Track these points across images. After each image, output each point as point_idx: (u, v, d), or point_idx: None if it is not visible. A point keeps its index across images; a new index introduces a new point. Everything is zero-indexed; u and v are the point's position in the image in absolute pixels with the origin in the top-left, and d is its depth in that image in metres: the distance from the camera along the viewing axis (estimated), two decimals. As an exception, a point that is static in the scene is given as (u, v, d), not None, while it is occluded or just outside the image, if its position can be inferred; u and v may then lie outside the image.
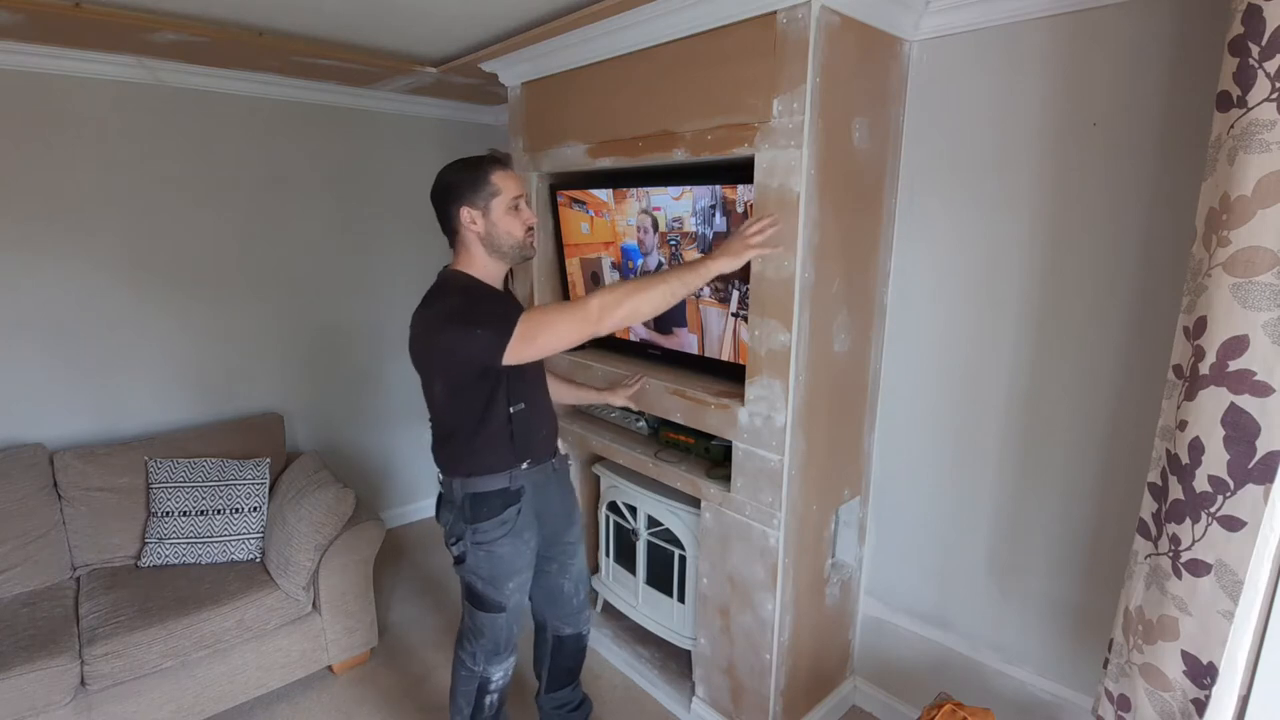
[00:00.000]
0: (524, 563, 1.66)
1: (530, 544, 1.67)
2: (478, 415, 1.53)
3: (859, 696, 2.24)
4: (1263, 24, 1.04)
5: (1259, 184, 1.07)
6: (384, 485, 3.41)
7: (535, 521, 1.68)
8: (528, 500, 1.63)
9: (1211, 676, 1.21)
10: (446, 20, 2.05)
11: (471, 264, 1.54)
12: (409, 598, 2.87)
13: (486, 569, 1.62)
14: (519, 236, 1.51)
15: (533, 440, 1.63)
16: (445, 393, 1.55)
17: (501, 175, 1.48)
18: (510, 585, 1.64)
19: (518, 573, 1.65)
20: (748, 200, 1.76)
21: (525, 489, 1.62)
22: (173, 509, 2.32)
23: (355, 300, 3.16)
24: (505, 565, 1.62)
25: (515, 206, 1.49)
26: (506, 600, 1.65)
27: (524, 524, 1.63)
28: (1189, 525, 1.20)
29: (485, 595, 1.64)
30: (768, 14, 1.58)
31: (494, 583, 1.63)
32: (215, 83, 2.60)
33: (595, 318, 1.39)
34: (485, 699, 1.75)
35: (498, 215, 1.48)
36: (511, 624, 1.70)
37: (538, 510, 1.69)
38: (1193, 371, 1.18)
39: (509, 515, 1.59)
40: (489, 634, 1.68)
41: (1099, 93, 1.53)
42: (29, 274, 2.35)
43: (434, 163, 3.25)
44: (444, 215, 1.52)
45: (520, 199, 1.50)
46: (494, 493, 1.58)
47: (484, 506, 1.58)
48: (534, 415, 1.63)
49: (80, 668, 1.86)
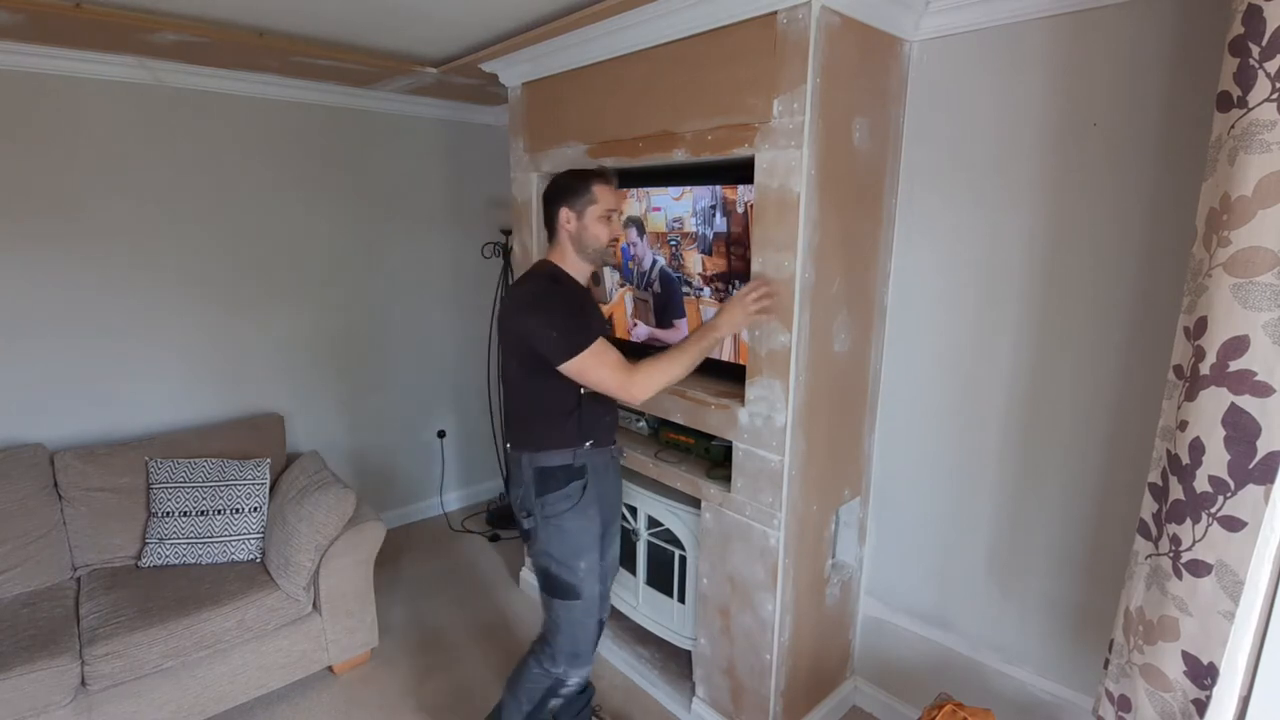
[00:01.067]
0: (590, 540, 1.70)
1: (595, 522, 1.70)
2: (552, 394, 1.64)
3: (859, 697, 2.24)
4: (1263, 24, 1.04)
5: (1259, 184, 1.06)
6: (384, 485, 3.41)
7: (598, 505, 1.72)
8: (591, 479, 1.69)
9: (1212, 677, 1.21)
10: (446, 20, 2.05)
11: (563, 258, 1.69)
12: (409, 598, 2.87)
13: (557, 546, 1.68)
14: (603, 243, 1.65)
15: (598, 424, 1.71)
16: (521, 371, 1.66)
17: (602, 188, 1.63)
18: (582, 565, 1.69)
19: (586, 550, 1.69)
20: (748, 200, 1.76)
21: (588, 468, 1.69)
22: (173, 509, 2.32)
23: (355, 300, 3.16)
24: (573, 540, 1.68)
25: (608, 217, 1.64)
26: (580, 582, 1.69)
27: (588, 500, 1.69)
28: (1189, 525, 1.20)
29: (559, 578, 1.70)
30: (768, 14, 1.58)
31: (566, 562, 1.68)
32: (215, 83, 2.60)
33: (631, 395, 1.57)
34: (550, 700, 1.79)
35: (590, 220, 1.63)
36: (588, 618, 1.72)
37: (599, 493, 1.72)
38: (1193, 372, 1.18)
39: (573, 489, 1.66)
40: (566, 629, 1.72)
41: (1099, 93, 1.53)
42: (29, 274, 2.35)
43: (434, 163, 3.31)
44: (549, 212, 1.69)
45: (614, 212, 1.66)
46: (559, 468, 1.66)
47: (551, 480, 1.66)
48: (601, 400, 1.69)
49: (80, 668, 1.86)
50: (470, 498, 3.75)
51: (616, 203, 1.66)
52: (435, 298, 3.42)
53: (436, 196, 3.33)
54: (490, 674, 2.39)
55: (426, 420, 3.51)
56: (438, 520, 3.58)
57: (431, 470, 3.58)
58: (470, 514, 3.64)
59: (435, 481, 3.59)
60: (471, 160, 3.40)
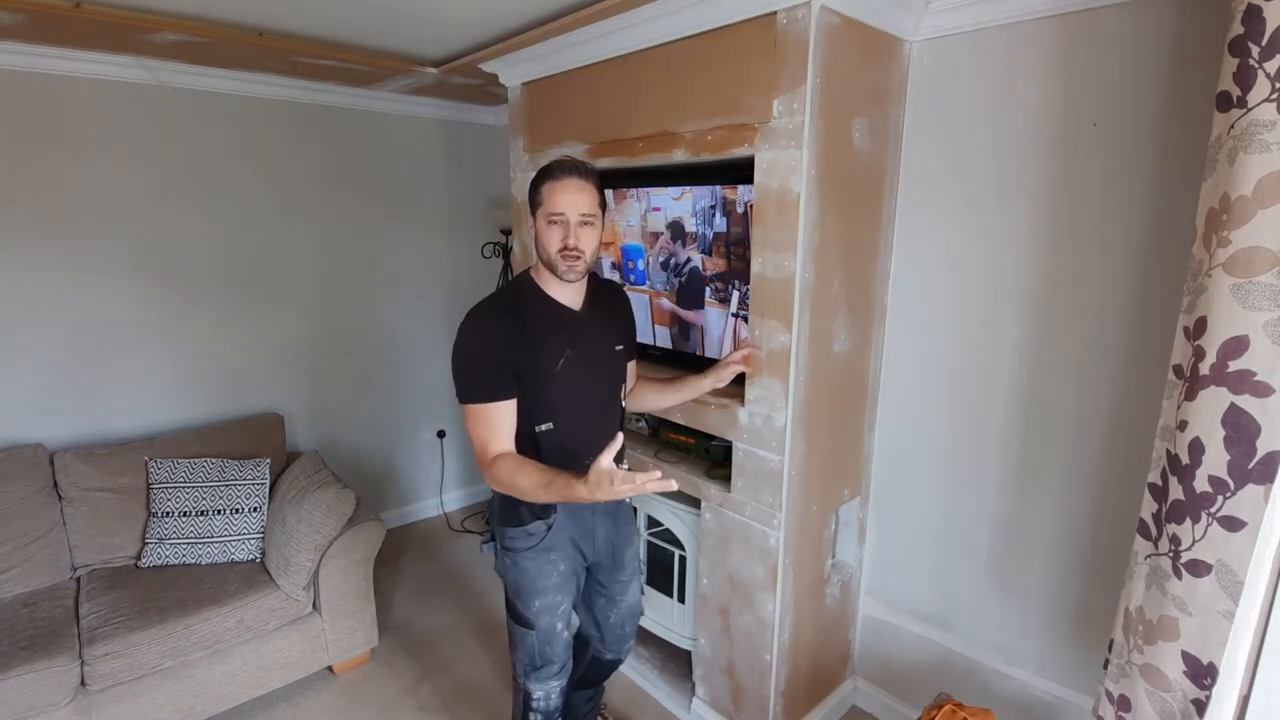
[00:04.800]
0: (549, 584, 1.56)
1: (559, 568, 1.57)
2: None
3: (859, 697, 2.24)
4: (1263, 24, 1.04)
5: (1259, 184, 1.06)
6: (384, 485, 3.41)
7: (570, 547, 1.58)
8: (560, 523, 1.55)
9: (1212, 677, 1.21)
10: (446, 20, 2.05)
11: (539, 267, 1.50)
12: (409, 598, 2.87)
13: (513, 579, 1.58)
14: (551, 252, 1.42)
15: (566, 465, 1.42)
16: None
17: (551, 187, 1.41)
18: (536, 604, 1.57)
19: (542, 593, 1.56)
20: (748, 200, 1.76)
21: (558, 509, 1.54)
22: (173, 509, 2.32)
23: (355, 300, 3.16)
24: (528, 581, 1.56)
25: (554, 221, 1.41)
26: (534, 619, 1.58)
27: (553, 544, 1.55)
28: (1189, 525, 1.20)
29: (513, 606, 1.61)
30: (768, 14, 1.58)
31: (520, 596, 1.58)
32: (215, 83, 2.60)
33: (487, 476, 1.42)
34: (529, 716, 1.68)
35: (540, 224, 1.43)
36: (543, 645, 1.60)
37: (574, 537, 1.58)
38: (1193, 372, 1.18)
39: (536, 529, 1.53)
40: (521, 648, 1.63)
41: (1099, 93, 1.53)
42: (29, 274, 2.35)
43: (434, 163, 3.31)
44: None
45: (560, 215, 1.40)
46: (521, 503, 1.50)
47: (510, 512, 1.54)
48: (569, 438, 1.50)
49: (80, 668, 1.86)
50: (470, 498, 3.75)
51: (564, 205, 1.39)
52: (435, 297, 3.42)
53: (436, 196, 3.33)
54: (490, 674, 2.39)
55: (426, 420, 3.51)
56: (437, 520, 3.58)
57: (431, 470, 3.58)
58: (470, 514, 3.64)
59: (435, 481, 3.59)
60: (471, 160, 3.40)
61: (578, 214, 1.40)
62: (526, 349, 1.43)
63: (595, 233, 1.45)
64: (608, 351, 1.59)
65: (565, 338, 1.48)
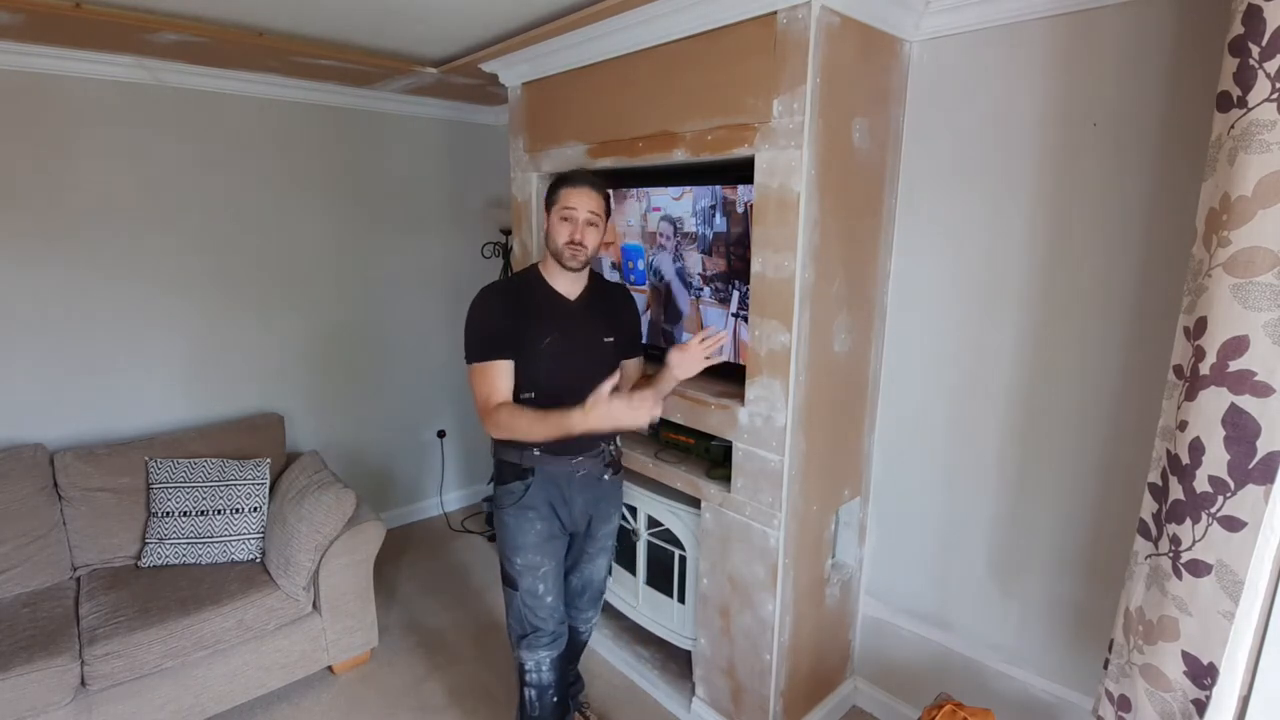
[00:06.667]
0: (528, 542, 1.74)
1: (536, 526, 1.74)
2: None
3: (859, 697, 2.24)
4: (1263, 24, 1.04)
5: (1259, 184, 1.06)
6: (384, 485, 3.41)
7: (547, 508, 1.75)
8: (538, 484, 1.73)
9: (1212, 677, 1.21)
10: (446, 21, 2.05)
11: (545, 260, 1.74)
12: (409, 598, 2.87)
13: (500, 539, 1.79)
14: (560, 242, 1.64)
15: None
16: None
17: (568, 190, 1.64)
18: (518, 561, 1.75)
19: (522, 551, 1.74)
20: (748, 200, 1.76)
21: (536, 471, 1.72)
22: (173, 509, 2.32)
23: (356, 300, 3.16)
24: (510, 536, 1.75)
25: (565, 217, 1.64)
26: (517, 576, 1.76)
27: (530, 502, 1.73)
28: (1189, 525, 1.20)
29: (503, 568, 1.80)
30: (768, 14, 1.58)
31: (505, 554, 1.78)
32: (215, 83, 2.60)
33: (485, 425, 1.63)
34: (524, 690, 1.84)
35: (553, 219, 1.67)
36: (528, 607, 1.77)
37: (550, 499, 1.75)
38: (1193, 372, 1.18)
39: (515, 488, 1.73)
40: (511, 611, 1.82)
41: (1099, 93, 1.53)
42: (29, 273, 2.35)
43: (434, 163, 3.31)
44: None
45: (572, 211, 1.63)
46: (506, 463, 1.74)
47: (500, 472, 1.77)
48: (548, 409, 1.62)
49: (80, 668, 1.86)
50: (470, 498, 3.75)
51: (578, 201, 1.63)
52: (435, 297, 3.42)
53: (436, 196, 3.33)
54: (490, 674, 2.39)
55: (427, 420, 3.51)
56: (438, 520, 3.58)
57: (431, 470, 3.58)
58: (470, 514, 3.64)
59: (435, 481, 3.59)
60: (471, 160, 3.40)
61: (586, 212, 1.64)
62: (521, 322, 1.66)
63: (598, 232, 1.68)
64: (595, 340, 1.75)
65: (555, 320, 1.69)
